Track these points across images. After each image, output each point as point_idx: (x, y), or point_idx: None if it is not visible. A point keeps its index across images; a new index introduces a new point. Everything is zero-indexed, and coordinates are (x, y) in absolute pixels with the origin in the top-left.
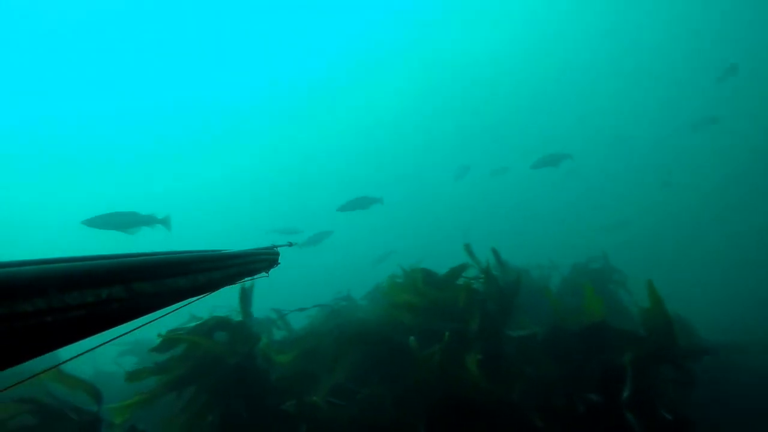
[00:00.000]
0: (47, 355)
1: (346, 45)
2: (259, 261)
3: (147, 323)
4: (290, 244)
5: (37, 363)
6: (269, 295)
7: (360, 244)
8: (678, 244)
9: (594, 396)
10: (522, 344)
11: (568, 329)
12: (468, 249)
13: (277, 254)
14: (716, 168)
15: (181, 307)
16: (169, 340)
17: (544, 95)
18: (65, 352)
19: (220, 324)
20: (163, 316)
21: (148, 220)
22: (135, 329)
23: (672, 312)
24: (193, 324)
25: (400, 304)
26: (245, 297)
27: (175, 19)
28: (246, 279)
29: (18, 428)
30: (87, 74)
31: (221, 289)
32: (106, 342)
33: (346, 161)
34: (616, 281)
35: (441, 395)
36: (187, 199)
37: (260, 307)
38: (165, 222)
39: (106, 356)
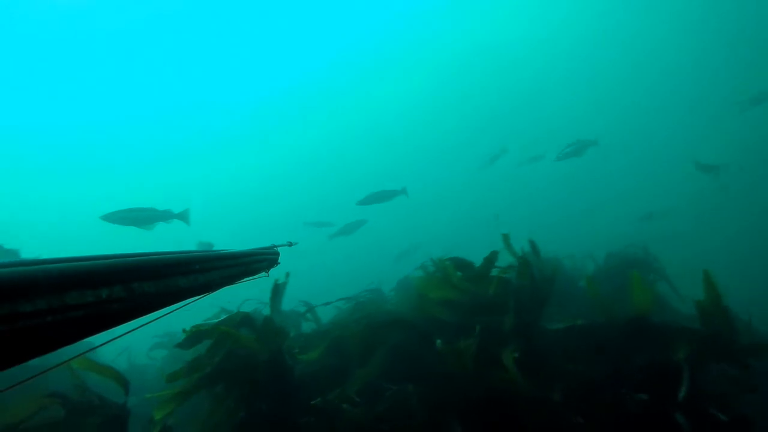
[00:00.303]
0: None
1: (367, 34)
2: (260, 261)
3: (148, 323)
4: (290, 244)
5: (68, 349)
6: (294, 287)
7: (383, 237)
8: (712, 230)
9: (642, 395)
10: (559, 338)
11: (609, 322)
12: (506, 239)
13: (277, 254)
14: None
15: (181, 306)
16: (195, 335)
17: (573, 78)
18: (97, 338)
19: (246, 319)
20: (164, 315)
21: (165, 216)
22: (136, 329)
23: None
24: (219, 318)
25: (436, 299)
26: (277, 292)
27: (195, 20)
28: (246, 279)
29: (45, 422)
30: (107, 78)
31: (251, 281)
32: (136, 328)
33: (368, 153)
34: (656, 271)
35: (476, 394)
36: (215, 196)
37: (284, 299)
38: (183, 217)
39: (138, 350)
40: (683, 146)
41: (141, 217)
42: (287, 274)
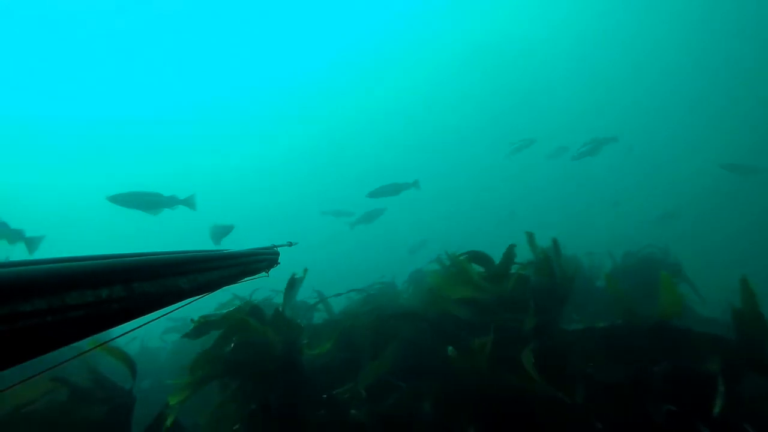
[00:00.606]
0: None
1: (373, 32)
2: (259, 261)
3: (147, 323)
4: (290, 244)
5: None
6: (306, 276)
7: (395, 229)
8: (712, 230)
9: (669, 406)
10: (578, 339)
11: (631, 324)
12: (530, 238)
13: (277, 254)
14: None
15: (181, 306)
16: (203, 326)
17: (575, 77)
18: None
19: (255, 310)
20: (164, 315)
21: (171, 201)
22: (136, 329)
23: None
24: (233, 306)
25: (451, 295)
26: (292, 286)
27: (203, 19)
28: (246, 279)
29: (49, 406)
30: (113, 77)
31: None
32: (149, 322)
33: (377, 149)
34: (678, 274)
35: (491, 394)
36: (223, 190)
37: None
38: (189, 203)
39: (152, 332)
40: (683, 146)
41: (147, 201)
42: (305, 270)
